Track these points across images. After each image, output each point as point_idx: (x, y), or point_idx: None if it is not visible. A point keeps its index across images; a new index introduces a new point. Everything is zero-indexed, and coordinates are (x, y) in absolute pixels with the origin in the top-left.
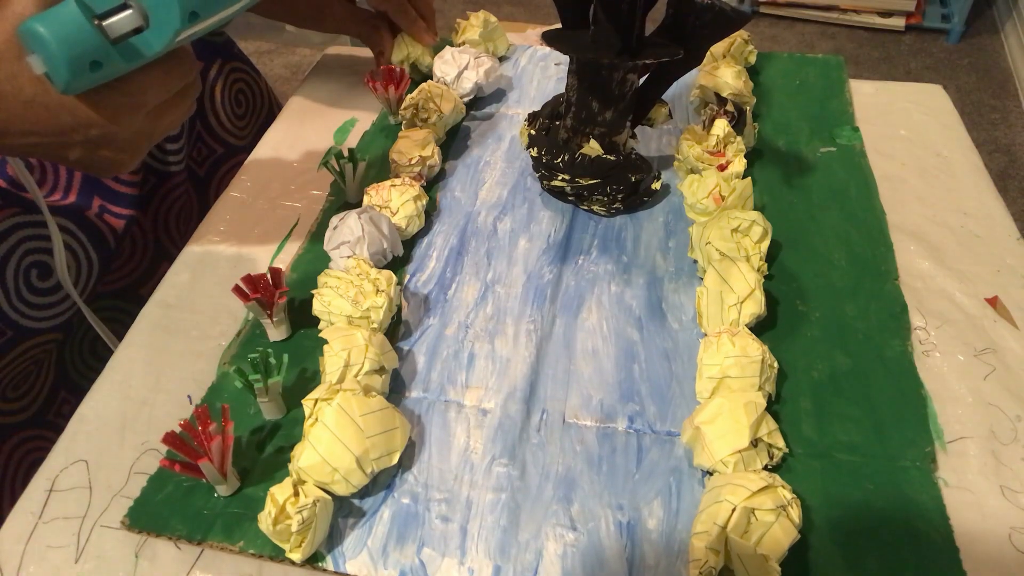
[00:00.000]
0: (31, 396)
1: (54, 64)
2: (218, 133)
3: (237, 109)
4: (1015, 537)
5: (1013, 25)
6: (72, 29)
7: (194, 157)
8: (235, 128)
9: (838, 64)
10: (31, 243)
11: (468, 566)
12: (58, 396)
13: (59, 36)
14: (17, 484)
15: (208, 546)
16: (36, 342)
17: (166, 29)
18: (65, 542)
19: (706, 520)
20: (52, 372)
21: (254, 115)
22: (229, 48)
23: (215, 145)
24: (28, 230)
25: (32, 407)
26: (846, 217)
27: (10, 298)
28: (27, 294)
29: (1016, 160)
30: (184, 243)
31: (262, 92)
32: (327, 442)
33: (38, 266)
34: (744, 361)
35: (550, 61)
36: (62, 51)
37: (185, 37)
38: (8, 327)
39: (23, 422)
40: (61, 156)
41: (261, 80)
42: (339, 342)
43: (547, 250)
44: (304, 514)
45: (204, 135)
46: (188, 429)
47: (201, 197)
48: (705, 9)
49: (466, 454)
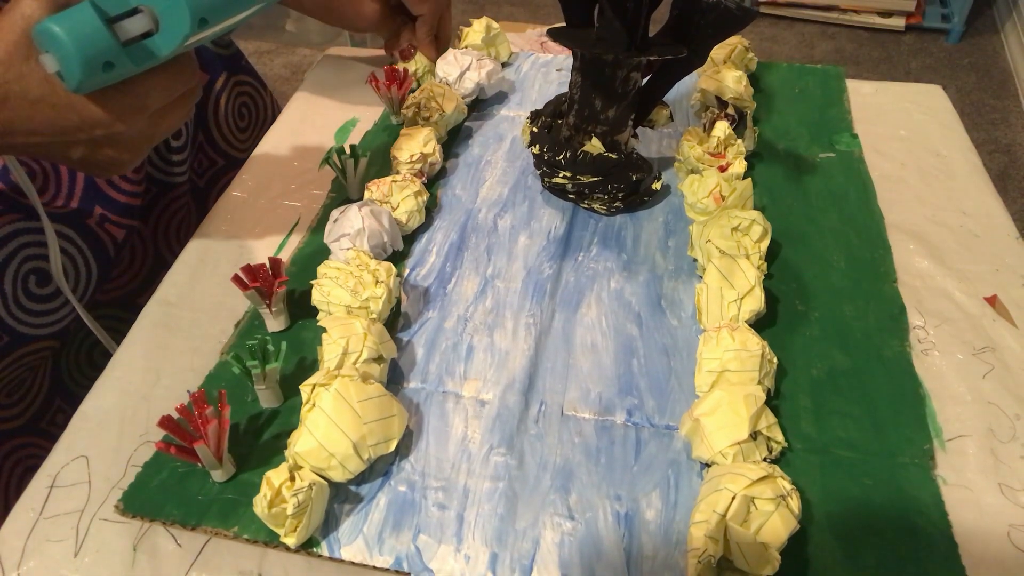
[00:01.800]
0: (25, 403)
1: (68, 63)
2: (219, 145)
3: (240, 122)
4: (1013, 534)
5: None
6: (87, 30)
7: (195, 168)
8: (237, 140)
9: (837, 74)
10: (30, 249)
11: (464, 553)
12: (53, 404)
13: (75, 36)
14: (11, 491)
15: (203, 531)
16: (32, 348)
17: (176, 34)
18: (64, 536)
19: (705, 509)
20: (47, 380)
21: (257, 128)
22: (237, 61)
23: (216, 157)
24: (27, 236)
25: (26, 414)
26: (845, 220)
27: (8, 304)
28: (25, 300)
29: (1016, 160)
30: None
31: (267, 105)
32: (324, 427)
33: (36, 272)
34: (744, 355)
35: (551, 67)
36: (77, 51)
37: (194, 42)
38: (5, 333)
39: (16, 429)
40: (64, 156)
41: (267, 94)
42: (337, 330)
43: (547, 246)
44: (300, 497)
45: (205, 146)
46: (184, 413)
47: (200, 208)
48: (711, 7)
49: (464, 443)
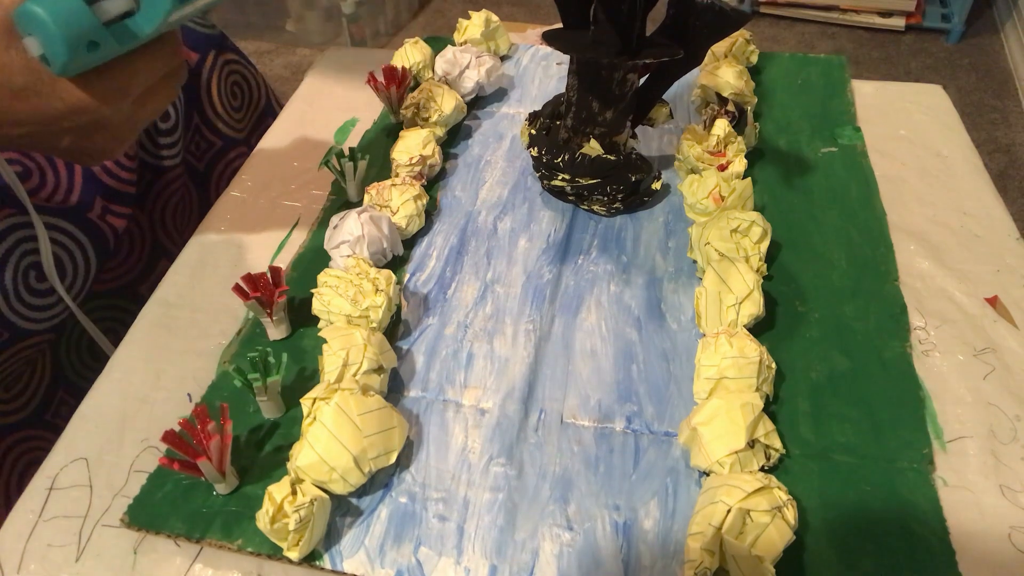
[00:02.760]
0: (26, 396)
1: (52, 45)
2: (215, 125)
3: (233, 101)
4: (1014, 536)
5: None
6: (69, 9)
7: (192, 151)
8: (232, 120)
9: (840, 64)
10: (29, 244)
11: (464, 565)
12: (56, 396)
13: (57, 17)
14: (12, 485)
15: (207, 544)
16: (29, 343)
17: (156, 11)
18: (65, 540)
19: (701, 521)
20: (47, 372)
21: (251, 107)
22: (223, 40)
23: (213, 138)
24: (24, 231)
25: (28, 407)
26: (846, 217)
27: (9, 299)
28: (26, 295)
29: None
30: (182, 239)
31: (258, 84)
32: (325, 441)
33: (36, 267)
34: (742, 362)
35: (552, 60)
36: (60, 31)
37: (175, 20)
38: (5, 328)
39: (19, 422)
40: (52, 145)
41: (256, 72)
42: (338, 341)
43: (547, 250)
44: (301, 513)
45: (202, 128)
46: (187, 427)
47: (201, 192)
48: (705, 9)
49: (464, 454)
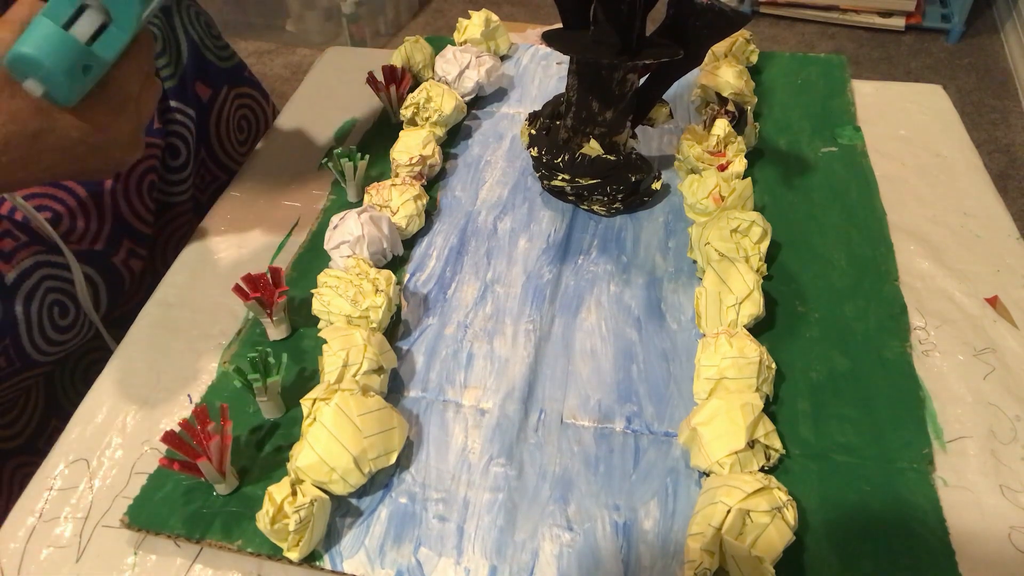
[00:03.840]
0: (21, 423)
1: (52, 80)
2: (221, 160)
3: (239, 135)
4: (1014, 536)
5: (1013, 25)
6: (55, 42)
7: (198, 185)
8: (238, 155)
9: (840, 63)
10: (54, 281)
11: (464, 566)
12: (49, 424)
13: (48, 53)
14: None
15: (207, 544)
16: (33, 373)
17: (128, 16)
18: (65, 542)
19: (701, 521)
20: (41, 400)
21: (255, 139)
22: (239, 72)
23: (218, 172)
24: (50, 269)
25: (24, 434)
26: (847, 217)
27: (32, 332)
28: (49, 330)
29: (1016, 160)
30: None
31: (268, 117)
32: (325, 442)
33: (59, 304)
34: (741, 362)
35: (552, 60)
36: (56, 65)
37: (147, 15)
38: (19, 358)
39: (15, 449)
40: (81, 171)
41: (268, 105)
42: (338, 342)
43: (547, 250)
44: (301, 514)
45: (208, 161)
46: (187, 428)
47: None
48: (705, 10)
49: (464, 454)
